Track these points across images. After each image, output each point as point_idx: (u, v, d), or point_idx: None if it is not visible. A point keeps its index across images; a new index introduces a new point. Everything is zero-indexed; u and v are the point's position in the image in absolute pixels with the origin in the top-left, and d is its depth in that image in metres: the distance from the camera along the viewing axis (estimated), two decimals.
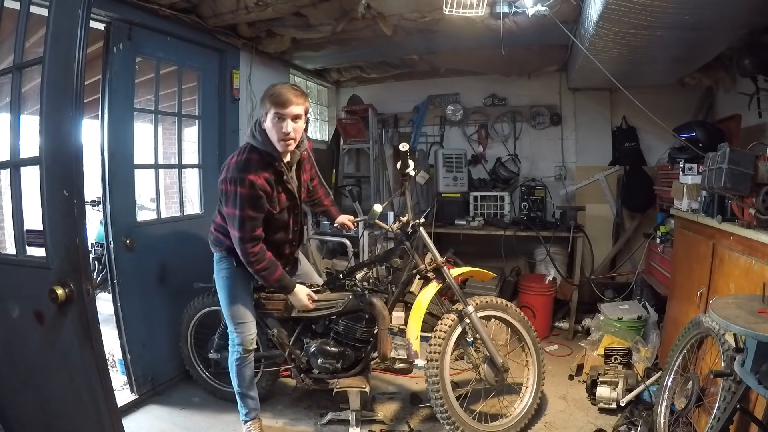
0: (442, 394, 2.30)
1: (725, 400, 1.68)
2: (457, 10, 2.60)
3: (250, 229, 2.15)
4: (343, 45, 3.63)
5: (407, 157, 2.52)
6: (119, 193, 2.67)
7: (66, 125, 1.36)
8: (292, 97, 2.09)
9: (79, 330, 1.41)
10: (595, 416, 2.65)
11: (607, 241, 4.37)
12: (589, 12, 2.48)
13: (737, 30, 2.51)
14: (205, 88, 3.29)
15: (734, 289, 2.04)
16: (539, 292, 3.87)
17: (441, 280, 2.47)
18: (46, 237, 1.42)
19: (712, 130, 3.11)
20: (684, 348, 2.20)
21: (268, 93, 2.12)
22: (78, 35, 1.33)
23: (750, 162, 1.89)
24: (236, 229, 2.14)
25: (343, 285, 2.55)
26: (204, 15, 2.98)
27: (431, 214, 4.18)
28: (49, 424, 1.66)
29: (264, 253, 2.20)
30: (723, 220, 2.16)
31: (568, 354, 3.56)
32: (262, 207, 2.16)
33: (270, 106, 2.09)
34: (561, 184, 4.51)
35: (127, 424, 2.38)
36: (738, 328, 1.39)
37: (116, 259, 2.66)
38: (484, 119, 4.73)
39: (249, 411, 2.44)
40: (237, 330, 2.36)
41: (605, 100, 4.33)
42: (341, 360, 2.43)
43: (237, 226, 2.13)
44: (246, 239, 2.15)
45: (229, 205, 2.13)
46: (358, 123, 4.65)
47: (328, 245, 4.45)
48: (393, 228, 2.56)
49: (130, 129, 2.72)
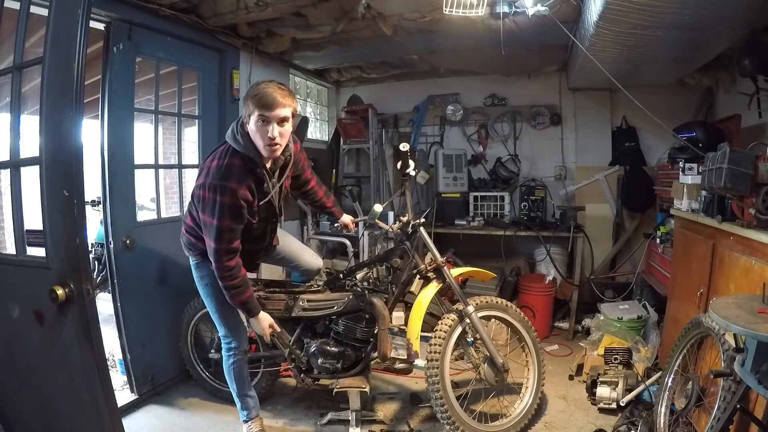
0: (442, 394, 2.30)
1: (725, 400, 1.68)
2: (457, 10, 2.60)
3: (228, 240, 1.98)
4: (343, 45, 3.63)
5: (407, 157, 2.52)
6: (119, 193, 2.67)
7: (66, 125, 1.36)
8: (279, 98, 1.89)
9: (79, 330, 1.41)
10: (595, 416, 2.65)
11: (607, 241, 4.36)
12: (589, 12, 2.48)
13: (737, 30, 2.51)
14: (205, 88, 3.29)
15: (734, 289, 2.04)
16: (539, 292, 3.87)
17: (441, 280, 2.47)
18: (46, 237, 1.42)
19: (712, 130, 3.10)
20: (684, 348, 2.20)
21: (251, 93, 1.91)
22: (78, 35, 1.33)
23: (750, 162, 1.89)
24: (213, 240, 1.97)
25: (343, 285, 2.55)
26: (204, 15, 2.98)
27: (431, 214, 4.18)
28: (49, 424, 1.66)
29: (239, 270, 2.05)
30: (723, 220, 2.16)
31: (568, 354, 3.56)
32: (243, 217, 2.00)
33: (254, 108, 1.90)
34: (561, 184, 4.51)
35: (127, 424, 2.37)
36: (738, 328, 1.39)
37: (116, 259, 2.66)
38: (484, 119, 4.74)
39: (249, 411, 2.42)
40: (232, 334, 2.33)
41: (605, 100, 4.33)
42: (341, 360, 2.43)
43: (214, 237, 1.96)
44: (222, 251, 1.98)
45: (207, 213, 1.96)
46: (358, 123, 4.65)
47: (328, 245, 4.45)
48: (393, 228, 2.56)
49: (130, 129, 2.72)
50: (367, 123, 4.63)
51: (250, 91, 1.94)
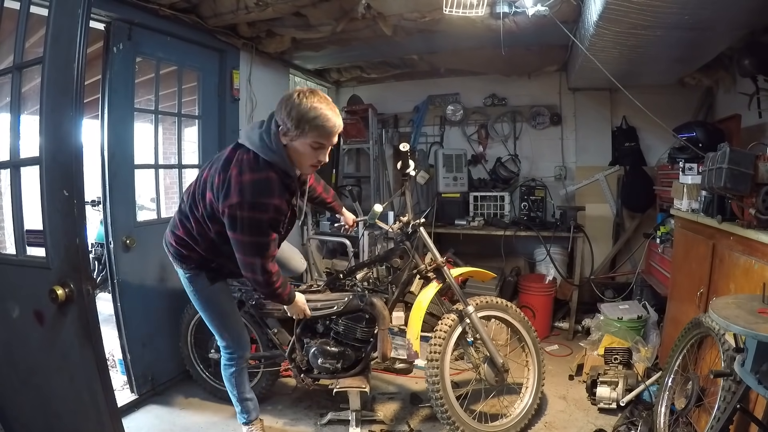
0: (442, 394, 2.30)
1: (725, 400, 1.68)
2: (457, 10, 2.60)
3: (270, 251, 1.89)
4: (343, 45, 3.63)
5: (407, 157, 2.52)
6: (119, 193, 2.67)
7: (66, 125, 1.36)
8: (339, 123, 1.81)
9: (79, 330, 1.41)
10: (595, 416, 2.65)
11: (607, 241, 4.36)
12: (589, 12, 2.48)
13: (737, 30, 2.51)
14: (205, 88, 3.29)
15: (734, 289, 2.04)
16: (539, 292, 3.87)
17: (441, 280, 2.47)
18: (46, 237, 1.42)
19: (712, 130, 3.10)
20: (684, 348, 2.20)
21: (309, 116, 1.73)
22: (78, 35, 1.33)
23: (750, 162, 1.89)
24: (255, 256, 1.87)
25: (343, 285, 2.55)
26: (204, 15, 2.98)
27: (431, 214, 4.18)
28: (50, 423, 1.66)
29: (279, 271, 1.99)
30: (723, 220, 2.15)
31: (568, 354, 3.56)
32: (280, 226, 1.94)
33: (312, 133, 1.76)
34: (561, 184, 4.51)
35: (127, 424, 2.37)
36: (738, 328, 1.39)
37: (116, 259, 2.66)
38: (484, 119, 4.73)
39: (249, 413, 2.39)
40: (235, 344, 2.27)
41: (605, 100, 4.33)
42: (341, 360, 2.42)
43: (256, 252, 1.86)
44: (267, 263, 1.89)
45: (245, 232, 1.82)
46: (358, 123, 4.65)
47: (328, 245, 4.45)
48: (393, 228, 2.56)
49: (130, 129, 2.72)
50: (367, 123, 4.63)
51: (309, 112, 1.74)
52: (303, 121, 1.74)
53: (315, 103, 1.75)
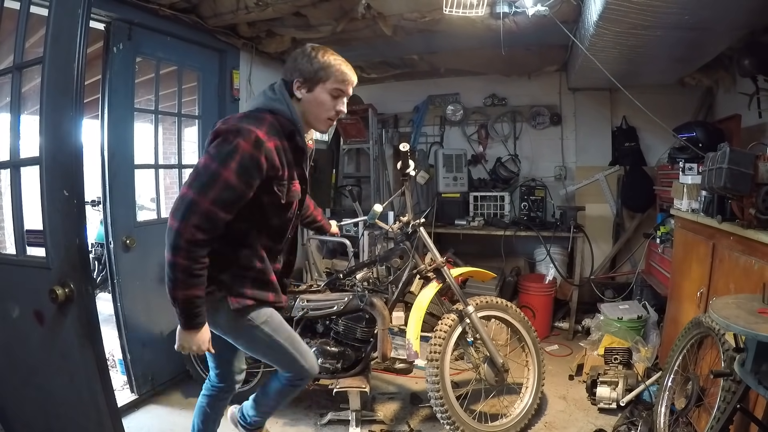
0: (442, 394, 2.30)
1: (725, 400, 1.68)
2: (457, 10, 2.60)
3: (216, 200, 1.47)
4: (343, 45, 3.62)
5: (407, 157, 2.52)
6: (119, 193, 2.68)
7: (66, 125, 1.36)
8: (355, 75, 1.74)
9: (79, 330, 1.42)
10: (595, 416, 2.65)
11: (607, 241, 4.37)
12: (589, 12, 2.48)
13: (737, 30, 2.51)
14: (205, 88, 3.29)
15: (734, 289, 2.04)
16: (539, 292, 3.87)
17: (441, 280, 2.47)
18: (46, 237, 1.42)
19: (712, 130, 3.10)
20: (684, 348, 2.20)
21: (327, 62, 1.65)
22: (78, 35, 1.33)
23: (750, 162, 1.89)
24: (195, 189, 1.47)
25: (343, 285, 2.55)
26: (204, 15, 2.98)
27: (431, 214, 4.18)
28: (50, 423, 1.66)
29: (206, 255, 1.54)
30: (723, 220, 2.15)
31: (568, 354, 3.56)
32: (253, 180, 1.53)
33: (331, 78, 1.66)
34: (561, 184, 4.51)
35: (127, 424, 2.37)
36: (738, 328, 1.39)
37: (116, 259, 2.66)
38: (484, 119, 4.73)
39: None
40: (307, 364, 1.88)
41: (605, 100, 4.33)
42: (341, 360, 2.43)
43: (200, 185, 1.48)
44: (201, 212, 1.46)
45: (207, 156, 1.52)
46: (358, 123, 4.65)
47: (328, 245, 4.45)
48: (393, 228, 2.56)
49: (130, 129, 2.72)
50: (367, 123, 4.63)
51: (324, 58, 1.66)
52: (323, 67, 1.66)
53: (330, 53, 1.71)
